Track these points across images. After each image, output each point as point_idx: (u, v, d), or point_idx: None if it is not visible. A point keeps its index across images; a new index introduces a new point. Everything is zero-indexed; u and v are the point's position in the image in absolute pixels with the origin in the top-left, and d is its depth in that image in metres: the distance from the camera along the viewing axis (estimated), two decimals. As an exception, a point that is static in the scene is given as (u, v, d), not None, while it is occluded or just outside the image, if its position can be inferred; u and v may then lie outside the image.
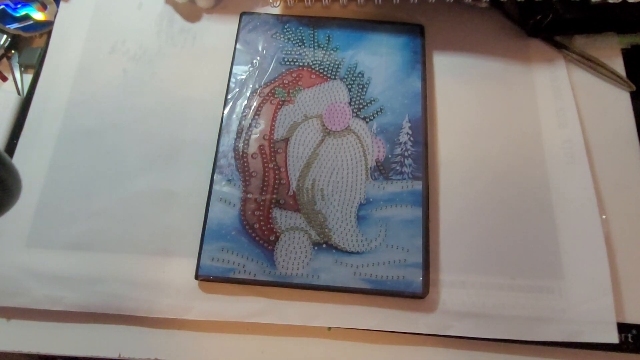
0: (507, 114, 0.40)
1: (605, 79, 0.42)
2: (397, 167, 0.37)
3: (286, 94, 0.40)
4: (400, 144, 0.38)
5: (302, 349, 0.35)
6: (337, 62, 0.41)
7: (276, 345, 0.35)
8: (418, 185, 0.37)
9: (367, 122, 0.39)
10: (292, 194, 0.37)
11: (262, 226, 0.36)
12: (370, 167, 0.38)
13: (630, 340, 0.34)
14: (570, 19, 0.41)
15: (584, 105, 0.40)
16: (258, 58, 0.41)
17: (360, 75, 0.41)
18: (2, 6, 0.45)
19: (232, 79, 0.40)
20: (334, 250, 0.35)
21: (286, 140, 0.38)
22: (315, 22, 0.43)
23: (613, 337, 0.33)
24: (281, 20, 0.43)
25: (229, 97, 0.40)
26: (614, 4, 0.39)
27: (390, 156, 0.38)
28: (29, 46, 0.45)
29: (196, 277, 0.35)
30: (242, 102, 0.40)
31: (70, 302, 0.35)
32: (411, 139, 0.38)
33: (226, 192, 0.37)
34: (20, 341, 0.35)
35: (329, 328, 0.35)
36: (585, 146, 0.39)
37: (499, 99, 0.41)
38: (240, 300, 0.35)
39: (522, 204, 0.37)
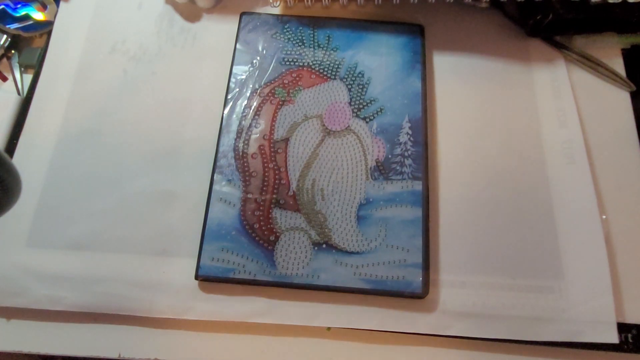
0: (507, 114, 0.40)
1: (605, 79, 0.42)
2: (397, 167, 0.37)
3: (286, 94, 0.40)
4: (400, 144, 0.38)
5: (302, 349, 0.35)
6: (337, 62, 0.41)
7: (276, 345, 0.35)
8: (418, 185, 0.37)
9: (367, 122, 0.39)
10: (292, 194, 0.37)
11: (262, 226, 0.36)
12: (370, 167, 0.38)
13: (630, 340, 0.34)
14: (570, 19, 0.41)
15: (584, 105, 0.40)
16: (258, 58, 0.41)
17: (360, 75, 0.41)
18: (2, 6, 0.45)
19: (232, 79, 0.40)
20: (334, 250, 0.35)
21: (286, 140, 0.38)
22: (315, 22, 0.43)
23: (613, 337, 0.33)
24: (281, 20, 0.43)
25: (229, 97, 0.40)
26: (614, 4, 0.39)
27: (390, 156, 0.38)
28: (29, 46, 0.45)
29: (196, 277, 0.35)
30: (242, 102, 0.40)
31: (70, 302, 0.35)
32: (411, 139, 0.38)
33: (226, 192, 0.37)
34: (20, 341, 0.35)
35: (329, 328, 0.35)
36: (585, 146, 0.39)
37: (499, 99, 0.41)
38: (240, 300, 0.35)
39: (522, 204, 0.37)
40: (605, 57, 0.42)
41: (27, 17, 0.45)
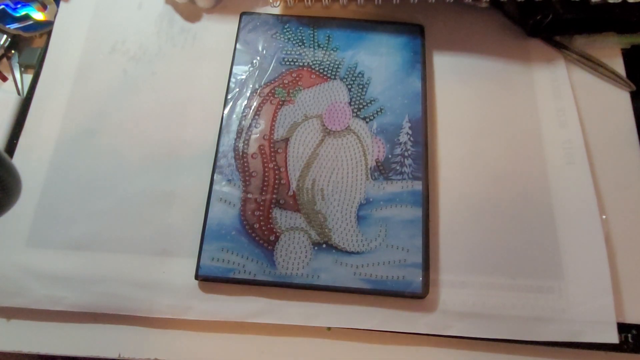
0: (507, 114, 0.40)
1: (605, 79, 0.42)
2: (397, 167, 0.37)
3: (286, 94, 0.40)
4: (400, 144, 0.38)
5: (302, 349, 0.35)
6: (337, 62, 0.41)
7: (276, 345, 0.35)
8: (418, 185, 0.37)
9: (367, 122, 0.39)
10: (292, 194, 0.37)
11: (262, 226, 0.36)
12: (370, 167, 0.38)
13: (630, 340, 0.34)
14: (570, 19, 0.41)
15: (584, 105, 0.40)
16: (258, 58, 0.41)
17: (360, 75, 0.41)
18: (2, 6, 0.45)
19: (232, 79, 0.40)
20: (334, 250, 0.35)
21: (286, 140, 0.38)
22: (315, 22, 0.43)
23: (613, 337, 0.33)
24: (281, 20, 0.43)
25: (229, 97, 0.40)
26: (614, 4, 0.39)
27: (390, 156, 0.38)
28: (29, 46, 0.45)
29: (196, 277, 0.35)
30: (242, 102, 0.40)
31: (70, 302, 0.35)
32: (411, 139, 0.38)
33: (226, 192, 0.37)
34: (20, 341, 0.35)
35: (329, 328, 0.35)
36: (585, 146, 0.39)
37: (499, 99, 0.41)
38: (240, 300, 0.35)
39: (522, 203, 0.37)
40: (605, 57, 0.42)
41: (27, 17, 0.45)
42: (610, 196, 0.38)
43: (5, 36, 0.44)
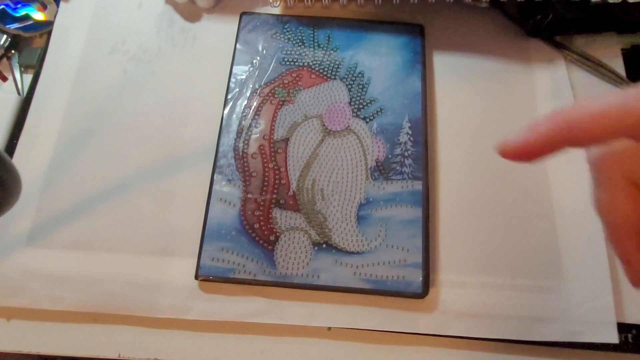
0: (507, 114, 0.40)
1: (605, 79, 0.42)
2: (397, 167, 0.37)
3: (286, 94, 0.40)
4: (400, 144, 0.38)
5: (302, 349, 0.35)
6: (337, 62, 0.41)
7: (276, 345, 0.35)
8: (418, 185, 0.37)
9: (367, 122, 0.39)
10: (292, 194, 0.37)
11: (262, 226, 0.36)
12: (370, 167, 0.38)
13: (630, 340, 0.34)
14: (570, 19, 0.41)
15: (584, 105, 0.40)
16: (258, 58, 0.41)
17: (360, 75, 0.41)
18: (2, 6, 0.45)
19: (232, 79, 0.40)
20: (334, 250, 0.35)
21: (286, 140, 0.38)
22: (315, 22, 0.43)
23: (613, 337, 0.33)
24: (281, 20, 0.43)
25: (229, 97, 0.40)
26: (614, 4, 0.39)
27: (390, 156, 0.38)
28: (29, 46, 0.45)
29: (196, 277, 0.35)
30: (242, 102, 0.40)
31: (70, 302, 0.35)
32: (411, 139, 0.38)
33: (226, 192, 0.37)
34: (20, 341, 0.35)
35: (329, 328, 0.35)
36: (585, 146, 0.39)
37: (499, 99, 0.41)
38: (240, 300, 0.35)
39: (522, 203, 0.37)
40: (605, 57, 0.42)
41: (27, 17, 0.45)
42: (610, 196, 0.38)
43: (5, 36, 0.44)
